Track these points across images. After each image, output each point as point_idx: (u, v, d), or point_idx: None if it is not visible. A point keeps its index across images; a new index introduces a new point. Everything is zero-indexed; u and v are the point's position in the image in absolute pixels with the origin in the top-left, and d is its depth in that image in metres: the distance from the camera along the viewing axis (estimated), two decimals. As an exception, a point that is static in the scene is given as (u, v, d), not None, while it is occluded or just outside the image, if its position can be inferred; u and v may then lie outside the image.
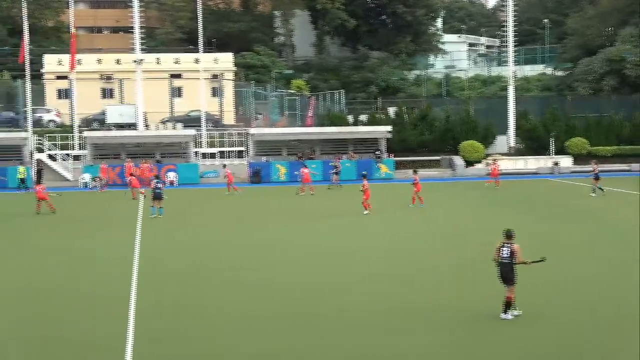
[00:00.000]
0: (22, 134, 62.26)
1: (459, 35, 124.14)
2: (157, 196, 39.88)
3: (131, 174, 53.16)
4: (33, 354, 17.18)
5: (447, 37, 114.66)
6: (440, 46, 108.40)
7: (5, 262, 28.18)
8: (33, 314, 20.33)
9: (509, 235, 19.00)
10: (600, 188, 46.58)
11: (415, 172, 44.57)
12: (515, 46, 72.56)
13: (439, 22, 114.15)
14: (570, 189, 51.80)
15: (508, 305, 18.85)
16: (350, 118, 71.77)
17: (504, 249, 18.90)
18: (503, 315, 18.89)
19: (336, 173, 56.63)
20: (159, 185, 40.42)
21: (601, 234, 32.66)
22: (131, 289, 22.73)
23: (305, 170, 51.23)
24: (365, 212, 39.15)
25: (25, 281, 24.66)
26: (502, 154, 66.25)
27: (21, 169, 58.06)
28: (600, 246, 29.58)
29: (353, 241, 31.47)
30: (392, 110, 72.51)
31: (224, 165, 56.26)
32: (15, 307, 21.22)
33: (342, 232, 34.10)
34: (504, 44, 73.96)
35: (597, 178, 47.28)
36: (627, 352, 16.44)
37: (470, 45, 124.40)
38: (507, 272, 18.74)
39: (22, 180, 57.12)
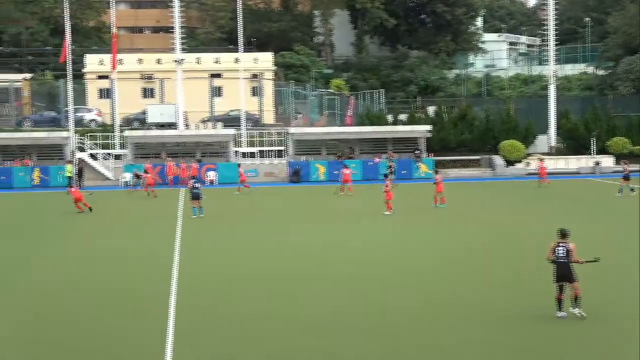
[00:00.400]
0: (64, 134, 62.89)
1: (499, 34, 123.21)
2: (195, 196, 40.08)
3: (145, 171, 53.43)
4: (69, 351, 17.41)
5: (487, 36, 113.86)
6: (480, 45, 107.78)
7: (52, 257, 28.63)
8: (75, 313, 20.63)
9: (564, 234, 18.99)
10: (631, 189, 46.32)
11: (436, 172, 44.42)
12: (556, 45, 71.96)
13: (479, 21, 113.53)
14: (610, 189, 51.04)
15: (576, 299, 18.78)
16: (390, 117, 71.66)
17: (560, 248, 18.85)
18: (576, 310, 18.79)
19: (391, 172, 55.01)
20: (197, 185, 40.60)
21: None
22: (171, 288, 23.03)
23: (347, 171, 51.08)
24: (386, 213, 39.13)
25: (68, 279, 25.09)
26: (543, 154, 65.72)
27: (69, 167, 58.50)
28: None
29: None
30: (431, 110, 72.34)
31: (239, 165, 56.35)
32: (57, 305, 21.56)
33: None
34: (544, 43, 73.52)
35: (627, 178, 46.85)
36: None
37: (511, 44, 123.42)
38: (566, 271, 18.69)
39: (71, 179, 57.54)
